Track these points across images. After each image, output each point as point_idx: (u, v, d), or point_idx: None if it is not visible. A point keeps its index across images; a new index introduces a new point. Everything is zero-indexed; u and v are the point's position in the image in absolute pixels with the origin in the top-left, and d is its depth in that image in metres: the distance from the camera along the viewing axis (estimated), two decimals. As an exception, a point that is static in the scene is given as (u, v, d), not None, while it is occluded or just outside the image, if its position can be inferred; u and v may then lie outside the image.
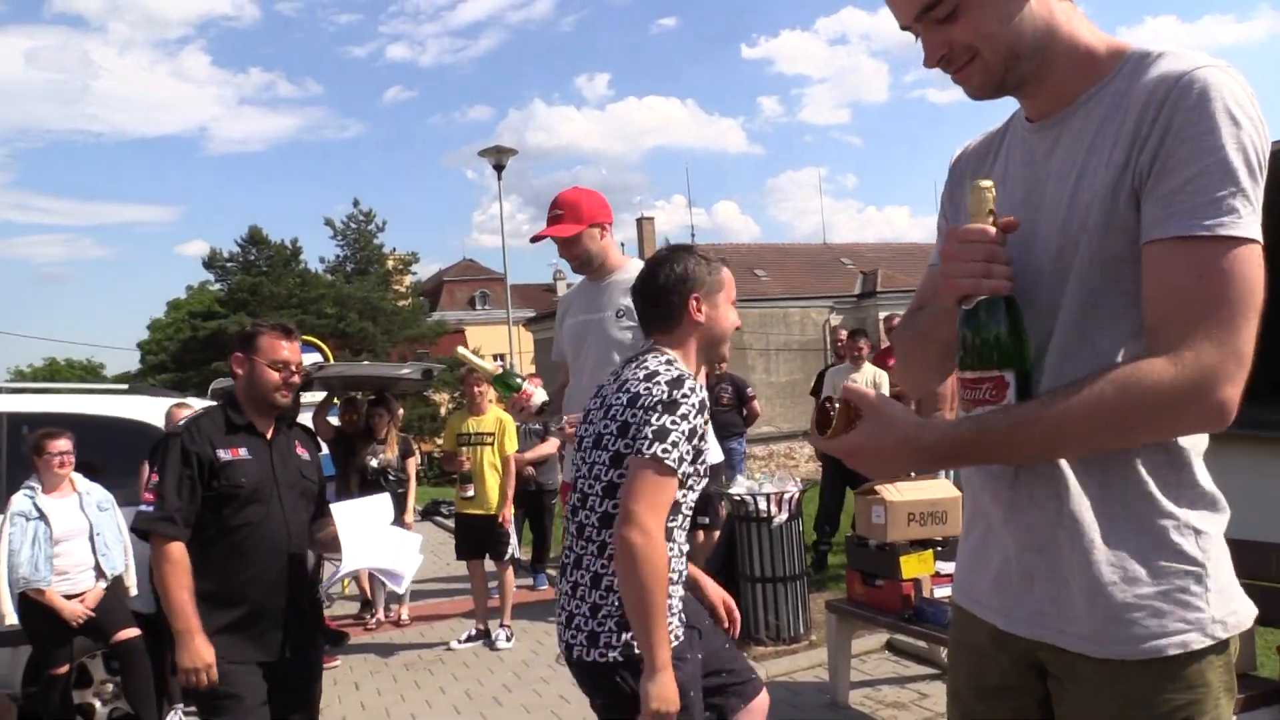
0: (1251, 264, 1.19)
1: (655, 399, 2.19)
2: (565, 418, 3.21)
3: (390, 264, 36.78)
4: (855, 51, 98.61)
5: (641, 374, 2.27)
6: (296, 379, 3.11)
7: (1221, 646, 1.31)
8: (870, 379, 7.43)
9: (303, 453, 3.26)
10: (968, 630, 1.56)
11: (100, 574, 4.69)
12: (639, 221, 41.10)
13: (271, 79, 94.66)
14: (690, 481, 2.24)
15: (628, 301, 3.33)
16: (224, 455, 2.97)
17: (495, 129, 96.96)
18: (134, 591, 4.87)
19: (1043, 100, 1.39)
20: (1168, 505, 1.31)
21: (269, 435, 3.12)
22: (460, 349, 4.47)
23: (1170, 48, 1.29)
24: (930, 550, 4.31)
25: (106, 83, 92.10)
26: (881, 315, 36.03)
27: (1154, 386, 1.18)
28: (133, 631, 4.69)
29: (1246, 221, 1.18)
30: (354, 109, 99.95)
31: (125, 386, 6.44)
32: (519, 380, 3.48)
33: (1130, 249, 1.26)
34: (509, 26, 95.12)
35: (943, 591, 4.13)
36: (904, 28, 1.39)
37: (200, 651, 2.79)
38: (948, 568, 4.21)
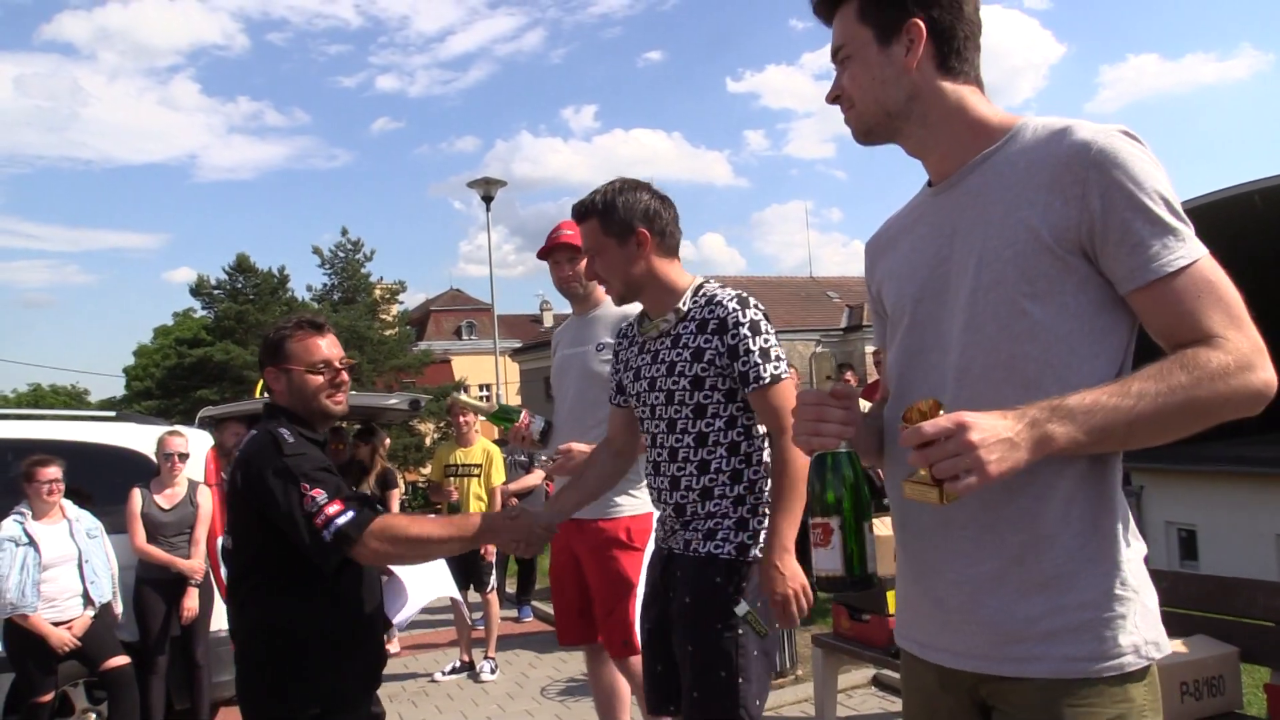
0: (1218, 268, 1.36)
1: (744, 328, 2.47)
2: (556, 450, 3.26)
3: (377, 293, 36.74)
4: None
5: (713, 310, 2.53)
6: (344, 376, 2.56)
7: (1148, 668, 1.41)
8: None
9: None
10: (915, 673, 1.62)
11: (88, 601, 4.67)
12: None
13: (260, 108, 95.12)
14: None
15: (608, 336, 3.40)
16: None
17: (482, 160, 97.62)
18: (120, 619, 4.84)
19: (937, 159, 1.57)
20: (1108, 532, 1.41)
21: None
22: (456, 396, 4.58)
23: (1064, 120, 1.44)
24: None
25: (95, 110, 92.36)
26: (868, 349, 36.22)
27: (1218, 369, 1.30)
28: (122, 660, 4.67)
29: (1193, 243, 1.35)
30: (342, 139, 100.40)
31: (113, 414, 6.44)
32: (514, 412, 3.58)
33: (1044, 281, 1.39)
34: (498, 59, 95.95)
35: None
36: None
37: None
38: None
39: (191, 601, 5.04)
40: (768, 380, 2.46)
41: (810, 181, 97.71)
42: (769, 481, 2.56)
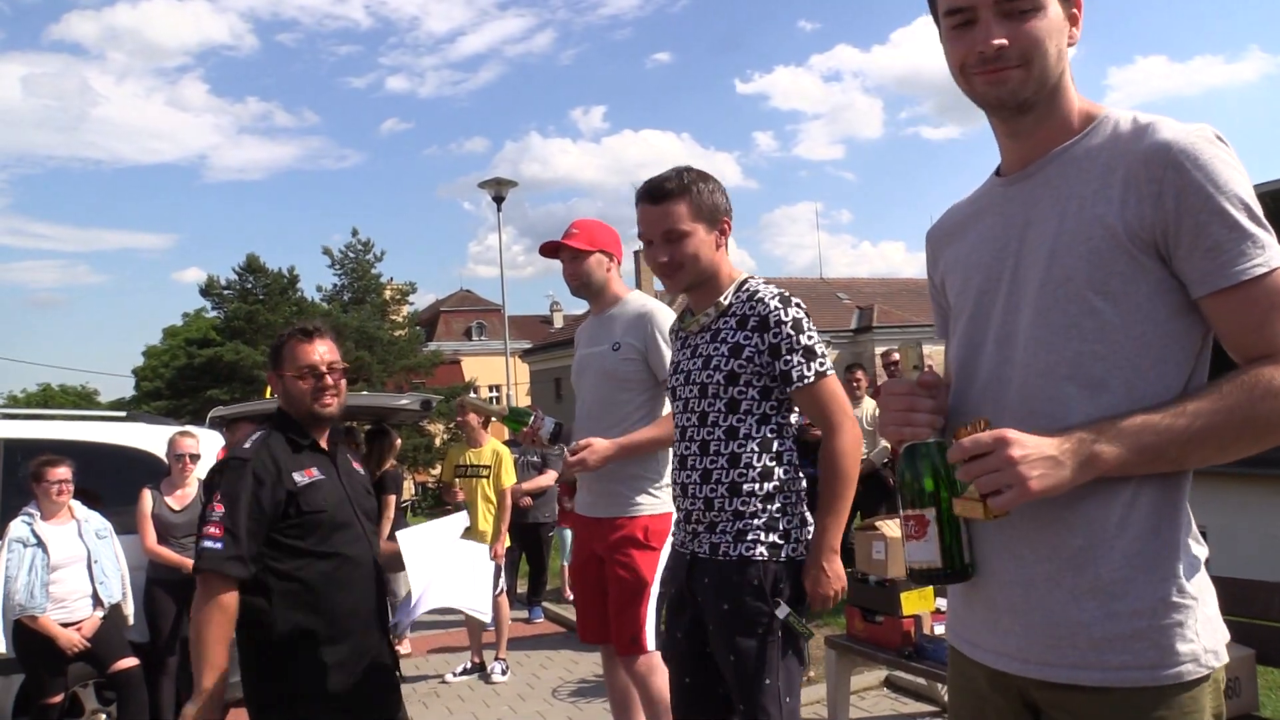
0: None
1: (786, 326, 2.45)
2: (575, 444, 3.29)
3: (388, 293, 36.83)
4: (849, 88, 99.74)
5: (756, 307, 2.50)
6: (330, 380, 2.70)
7: (1208, 676, 1.36)
8: (870, 413, 7.45)
9: (358, 466, 2.94)
10: (964, 674, 1.58)
11: (98, 602, 4.67)
12: (635, 254, 41.28)
13: (268, 109, 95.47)
14: None
15: (627, 336, 3.38)
16: (300, 479, 2.60)
17: (491, 161, 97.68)
18: (131, 620, 4.84)
19: (1025, 145, 1.49)
20: (1170, 539, 1.36)
21: (327, 449, 2.77)
22: (465, 397, 4.58)
23: (1148, 115, 1.39)
24: (931, 587, 4.30)
25: (105, 110, 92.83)
26: (878, 350, 36.22)
27: None
28: (131, 661, 4.66)
29: (1273, 250, 1.31)
30: (352, 139, 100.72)
31: (124, 414, 6.44)
32: (526, 414, 3.61)
33: (1117, 280, 1.35)
34: (508, 60, 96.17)
35: (943, 628, 4.13)
36: (958, 9, 1.41)
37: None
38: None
39: None
40: (813, 378, 2.45)
41: (819, 183, 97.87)
42: (799, 483, 2.54)
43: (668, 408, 3.41)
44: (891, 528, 4.38)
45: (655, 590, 3.37)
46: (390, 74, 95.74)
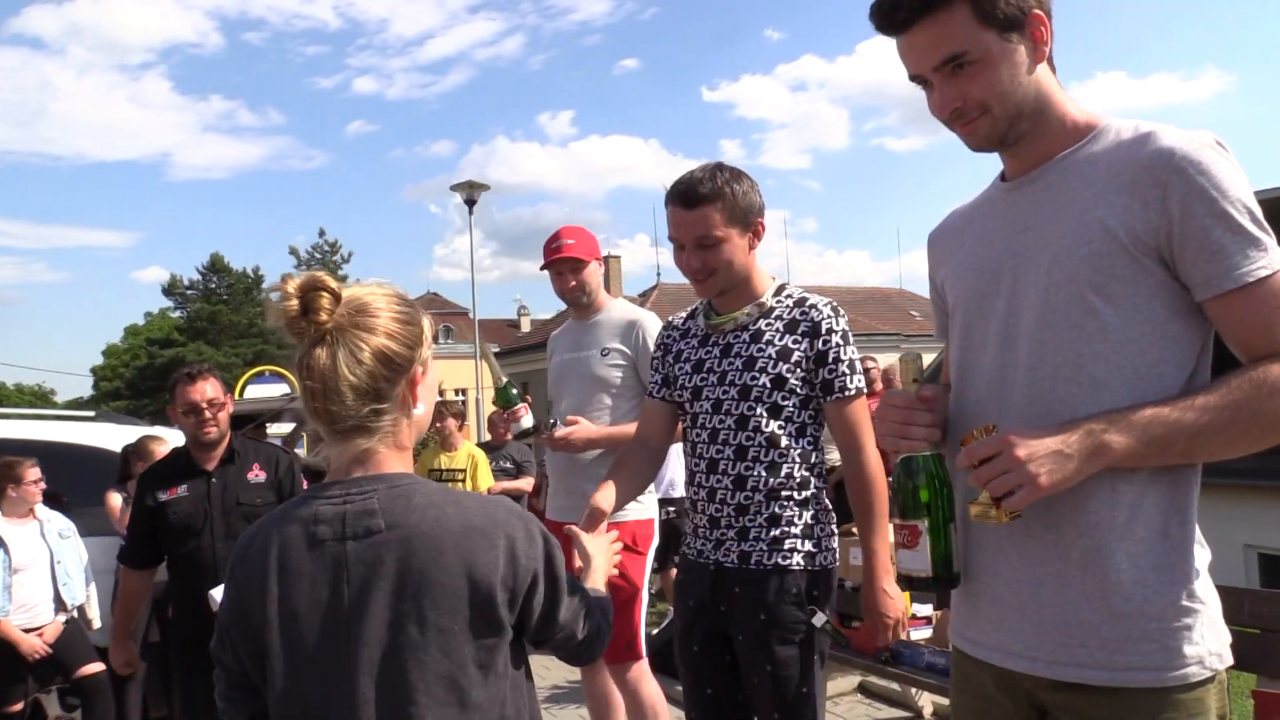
0: None
1: (836, 335, 2.42)
2: (564, 419, 3.38)
3: (354, 295, 36.56)
4: (815, 98, 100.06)
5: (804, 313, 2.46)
6: (209, 414, 3.44)
7: (1215, 676, 1.39)
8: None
9: (256, 475, 3.55)
10: (971, 678, 1.59)
11: (61, 605, 4.57)
12: (606, 259, 41.23)
13: (233, 107, 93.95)
14: None
15: (615, 342, 3.37)
16: (162, 497, 3.44)
17: (458, 164, 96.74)
18: (97, 624, 4.75)
19: (1027, 158, 1.51)
20: (1178, 541, 1.38)
21: (211, 468, 3.50)
22: (487, 345, 4.56)
23: (1149, 123, 1.41)
24: (907, 592, 4.32)
25: (65, 105, 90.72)
26: (844, 357, 36.32)
27: None
28: (96, 667, 4.56)
29: (1275, 253, 1.34)
30: (319, 140, 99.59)
31: (92, 414, 6.32)
32: (516, 398, 3.59)
33: (1117, 282, 1.37)
34: (477, 64, 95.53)
35: (919, 634, 4.15)
36: (915, 77, 1.48)
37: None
38: (925, 610, 4.23)
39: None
40: (852, 393, 2.41)
41: (786, 192, 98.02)
42: (825, 492, 2.51)
43: None
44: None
45: (645, 596, 3.37)
46: (358, 75, 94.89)
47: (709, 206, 2.40)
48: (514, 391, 3.60)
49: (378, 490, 1.42)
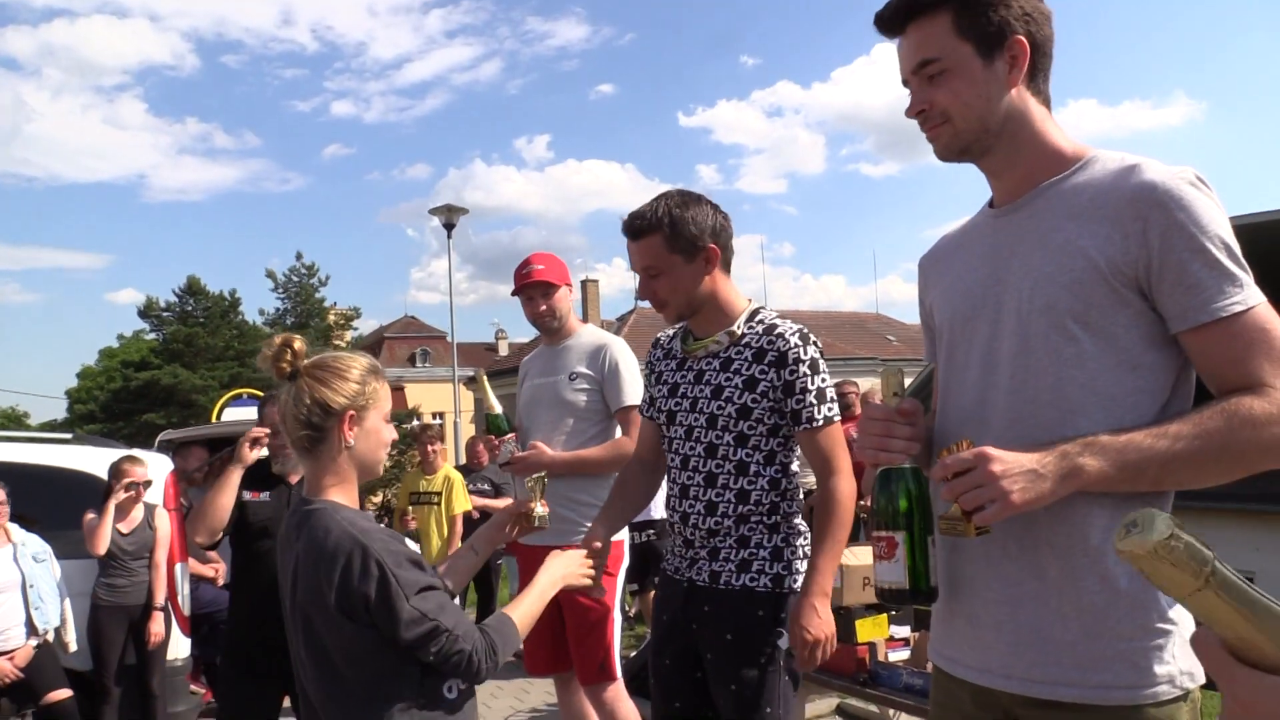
0: (1275, 317, 1.37)
1: (804, 365, 2.42)
2: (530, 445, 3.43)
3: (331, 318, 36.41)
4: (791, 124, 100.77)
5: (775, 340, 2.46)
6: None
7: (1187, 694, 1.40)
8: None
9: None
10: (947, 691, 1.62)
11: (32, 630, 4.52)
12: (583, 284, 41.37)
13: (208, 130, 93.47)
14: None
15: (582, 366, 3.41)
16: (246, 496, 3.64)
17: (434, 187, 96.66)
18: (73, 647, 4.70)
19: (1010, 182, 1.55)
20: None
21: (294, 480, 3.68)
22: (483, 372, 4.54)
23: (1135, 157, 1.44)
24: (885, 614, 4.35)
25: (40, 126, 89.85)
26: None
27: (1261, 418, 1.30)
28: (64, 693, 4.49)
29: (1250, 290, 1.36)
30: (295, 162, 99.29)
31: (69, 436, 6.27)
32: (506, 428, 3.61)
33: (1096, 311, 1.41)
34: (454, 88, 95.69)
35: (897, 655, 4.17)
36: (903, 81, 1.56)
37: None
38: (902, 631, 4.26)
39: (158, 626, 4.92)
40: (821, 423, 2.41)
41: (762, 216, 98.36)
42: (799, 517, 2.53)
43: (618, 432, 3.43)
44: (847, 556, 4.42)
45: (618, 616, 3.38)
46: (336, 98, 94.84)
47: (651, 237, 2.46)
48: (502, 425, 3.63)
49: (299, 509, 1.94)
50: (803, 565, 2.47)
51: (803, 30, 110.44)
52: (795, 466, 2.53)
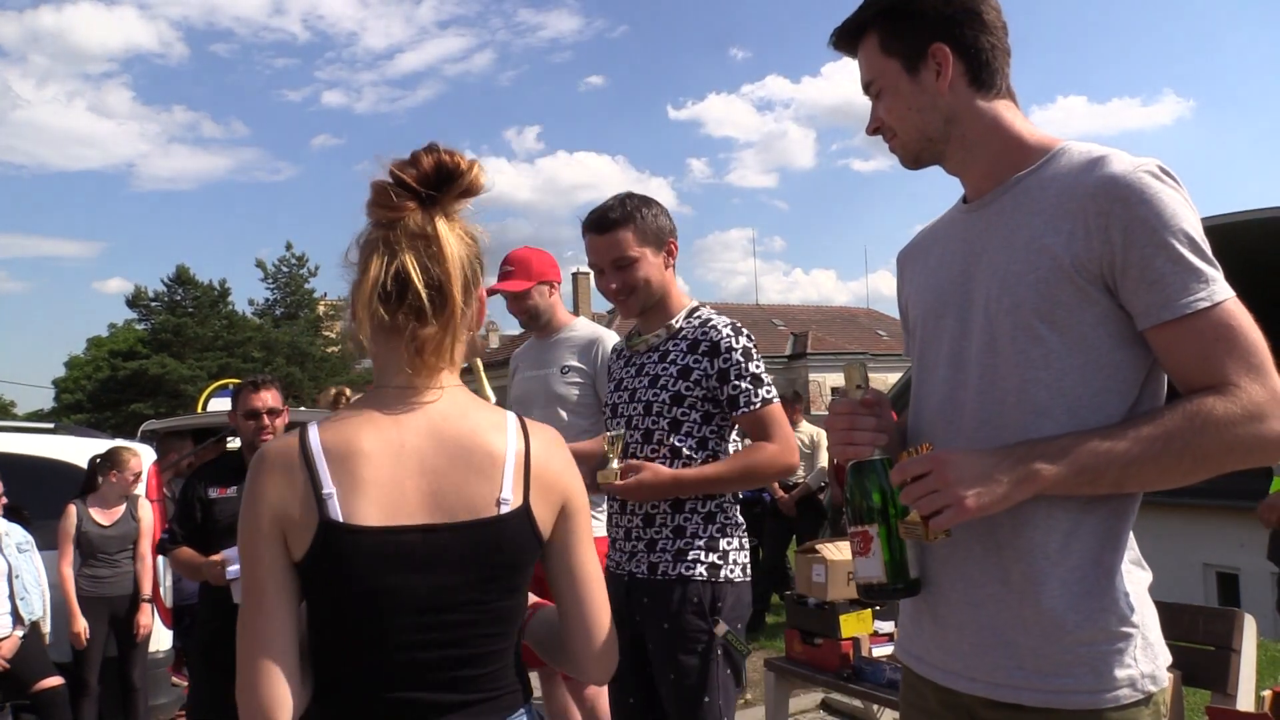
0: (1242, 314, 1.33)
1: (736, 353, 2.50)
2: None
3: (321, 309, 36.28)
4: (782, 118, 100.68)
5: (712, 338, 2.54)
6: (268, 421, 3.68)
7: (1149, 698, 1.40)
8: (810, 437, 7.55)
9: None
10: (915, 690, 1.62)
11: (18, 619, 4.50)
12: (574, 276, 41.32)
13: (196, 118, 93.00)
14: None
15: (574, 360, 3.40)
16: (212, 494, 3.64)
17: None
18: (49, 639, 4.68)
19: (975, 178, 1.56)
20: (1110, 567, 1.39)
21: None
22: (478, 360, 4.48)
23: (1102, 148, 1.42)
24: (869, 610, 4.36)
25: (26, 114, 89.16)
26: (812, 376, 36.68)
27: (1223, 418, 1.29)
28: (55, 680, 4.51)
29: (1217, 286, 1.33)
30: (286, 152, 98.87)
31: (51, 425, 6.24)
32: None
33: (1062, 310, 1.39)
34: (446, 79, 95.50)
35: (881, 650, 4.18)
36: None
37: None
38: (886, 627, 4.26)
39: (146, 618, 4.90)
40: (759, 404, 2.49)
41: (753, 210, 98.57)
42: (736, 508, 2.56)
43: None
44: (831, 551, 4.43)
45: None
46: (327, 88, 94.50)
47: (622, 229, 2.57)
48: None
49: None
50: (741, 556, 2.54)
51: (791, 24, 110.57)
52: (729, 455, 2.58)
